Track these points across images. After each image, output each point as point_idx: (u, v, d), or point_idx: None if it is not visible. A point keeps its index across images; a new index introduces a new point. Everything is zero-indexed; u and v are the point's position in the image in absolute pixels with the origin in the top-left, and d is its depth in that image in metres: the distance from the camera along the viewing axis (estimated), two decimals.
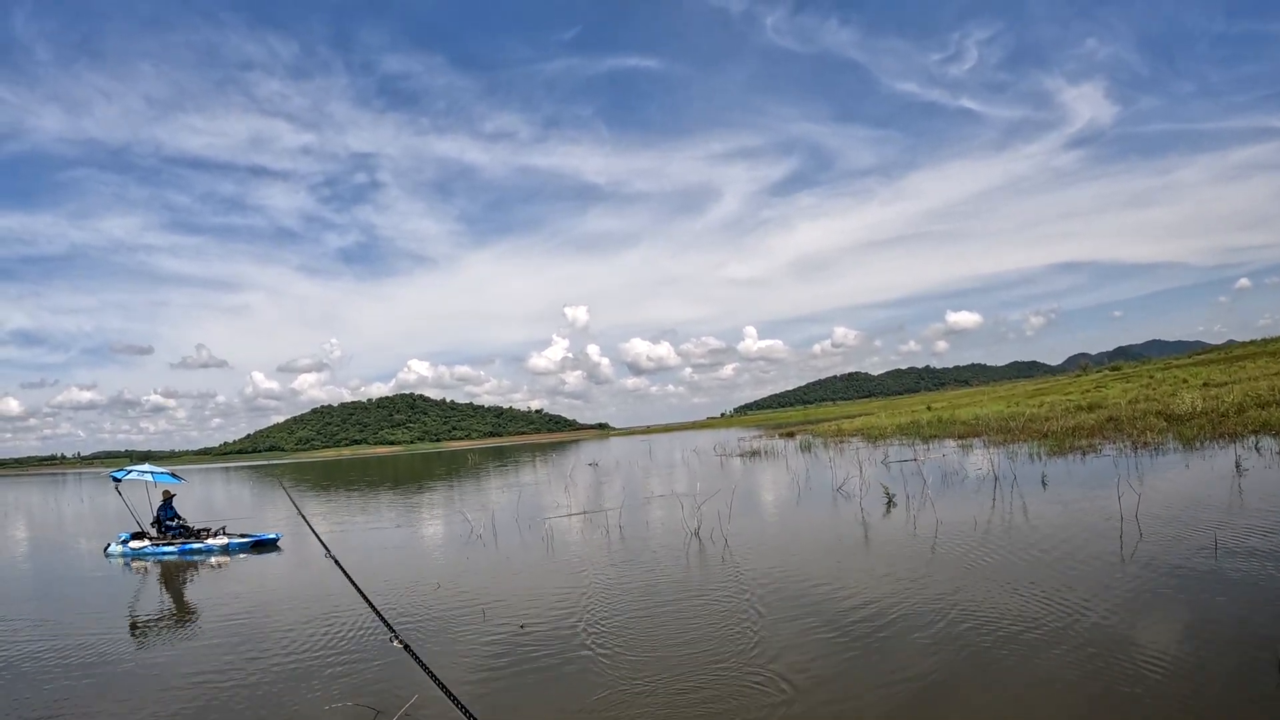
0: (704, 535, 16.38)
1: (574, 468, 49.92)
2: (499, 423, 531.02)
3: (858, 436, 47.94)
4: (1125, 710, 6.48)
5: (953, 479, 21.85)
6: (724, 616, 10.32)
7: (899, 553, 13.25)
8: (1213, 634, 7.85)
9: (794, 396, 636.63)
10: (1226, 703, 6.42)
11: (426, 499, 35.73)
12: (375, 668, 9.40)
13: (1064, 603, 9.34)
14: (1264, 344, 72.92)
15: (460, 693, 8.46)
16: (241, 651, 10.67)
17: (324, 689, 8.79)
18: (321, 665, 9.68)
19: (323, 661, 9.83)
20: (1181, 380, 44.11)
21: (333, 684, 8.94)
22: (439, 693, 8.43)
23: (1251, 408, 25.54)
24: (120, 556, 21.85)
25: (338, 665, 9.63)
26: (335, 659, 9.90)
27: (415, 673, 9.14)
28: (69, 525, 36.85)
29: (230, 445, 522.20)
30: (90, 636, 12.25)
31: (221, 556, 20.85)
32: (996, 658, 7.89)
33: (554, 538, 18.48)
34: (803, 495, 22.57)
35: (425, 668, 4.72)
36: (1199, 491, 15.27)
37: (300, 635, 11.17)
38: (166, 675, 9.94)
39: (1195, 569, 10.17)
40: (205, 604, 14.88)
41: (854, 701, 7.24)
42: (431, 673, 4.63)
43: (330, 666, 9.61)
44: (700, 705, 7.45)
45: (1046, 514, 15.06)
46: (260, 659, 10.22)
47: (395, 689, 8.53)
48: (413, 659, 4.90)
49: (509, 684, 8.57)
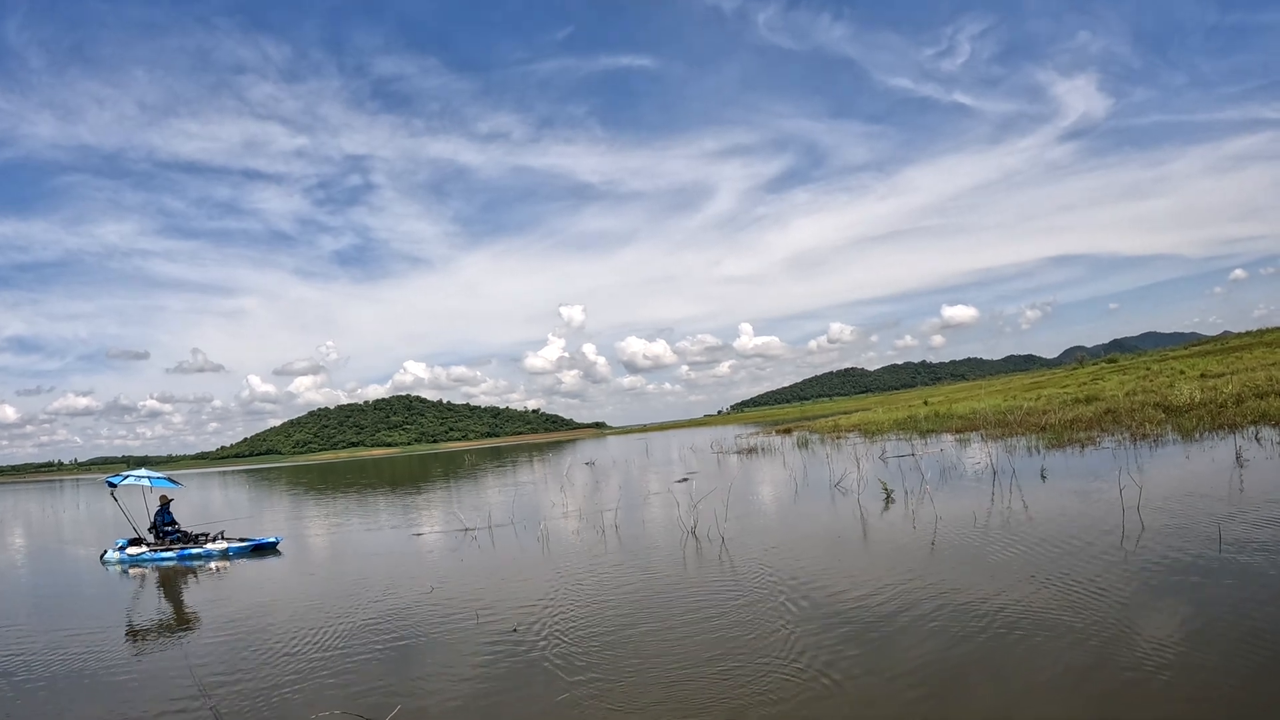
0: (700, 534, 16.22)
1: (570, 467, 49.78)
2: (496, 423, 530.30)
3: (855, 432, 47.83)
4: (1132, 704, 6.39)
5: (951, 473, 21.71)
6: (721, 617, 10.17)
7: (899, 549, 13.11)
8: (1220, 628, 7.71)
9: (790, 393, 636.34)
10: (1236, 698, 6.30)
11: (423, 500, 35.55)
12: (366, 677, 9.27)
13: (1068, 596, 9.20)
14: (1259, 334, 72.94)
15: (450, 699, 8.36)
16: (236, 660, 10.54)
17: (314, 697, 8.66)
18: (313, 673, 9.54)
19: (315, 669, 9.69)
20: (1178, 372, 44.05)
21: (322, 692, 8.81)
22: (423, 702, 8.32)
23: (1250, 398, 25.43)
24: (118, 563, 21.68)
25: (328, 673, 9.50)
26: (327, 667, 9.76)
27: (405, 681, 9.03)
28: (65, 532, 36.69)
29: (227, 449, 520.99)
30: (86, 645, 12.12)
31: (221, 561, 20.70)
32: (1001, 653, 7.76)
33: (550, 538, 18.31)
34: (800, 492, 22.42)
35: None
36: (1200, 483, 15.12)
37: (295, 642, 11.03)
38: (160, 684, 9.82)
39: (1199, 562, 10.02)
40: (203, 610, 14.73)
41: (858, 697, 7.16)
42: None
43: (320, 674, 9.47)
44: (698, 709, 7.30)
45: (1047, 507, 14.92)
46: (253, 667, 10.07)
47: (385, 699, 8.40)
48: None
49: (499, 690, 8.42)
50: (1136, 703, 6.42)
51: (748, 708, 7.21)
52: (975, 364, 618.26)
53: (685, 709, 7.33)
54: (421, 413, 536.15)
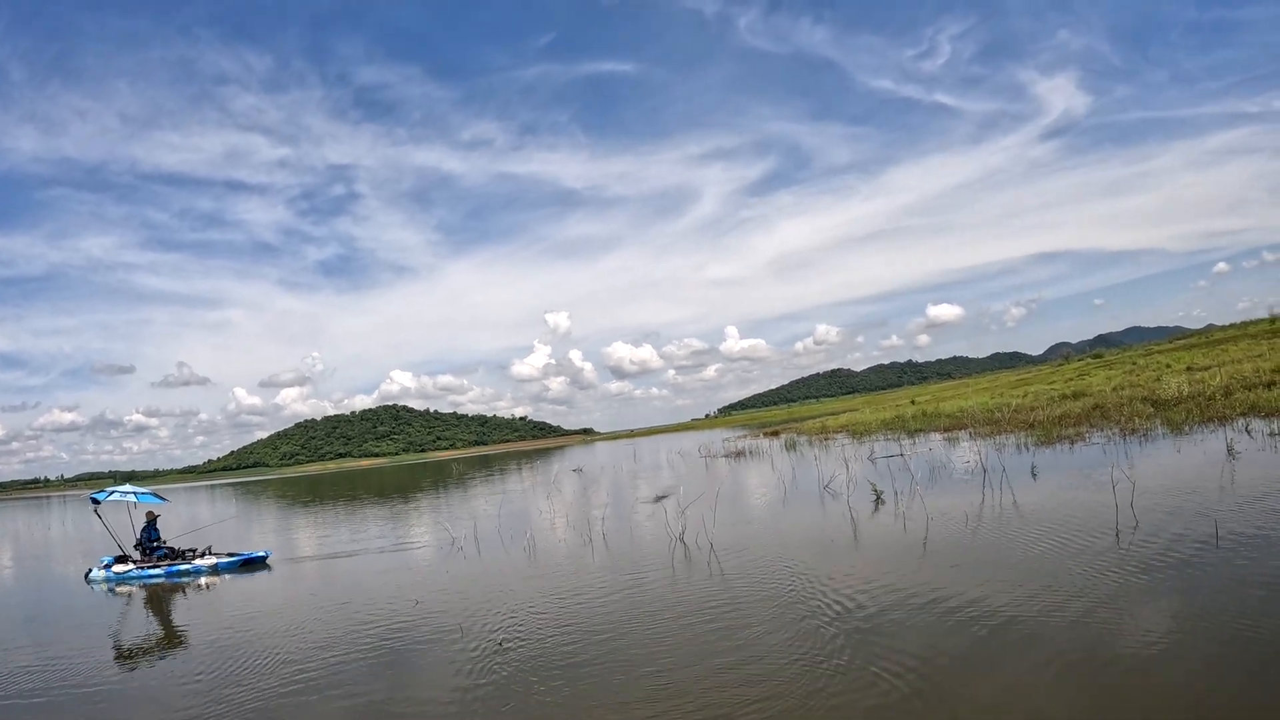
0: (689, 541, 15.99)
1: (558, 475, 49.53)
2: (483, 431, 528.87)
3: (843, 433, 47.73)
4: (1131, 702, 6.33)
5: (940, 473, 21.57)
6: (710, 624, 10.01)
7: (890, 551, 12.95)
8: (1219, 625, 7.59)
9: (778, 395, 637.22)
10: (1236, 699, 6.21)
11: (410, 511, 35.28)
12: (351, 693, 9.11)
13: (1065, 595, 9.07)
14: (1244, 326, 73.05)
15: (434, 717, 8.12)
16: (224, 677, 10.37)
17: (298, 716, 8.53)
18: (299, 691, 9.38)
19: (301, 688, 9.52)
20: (1164, 365, 44.09)
21: (308, 710, 8.68)
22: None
23: (1238, 390, 25.39)
24: (104, 582, 21.27)
25: (313, 692, 9.32)
26: (313, 684, 9.58)
27: (390, 699, 8.79)
28: (50, 551, 36.19)
29: (215, 463, 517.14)
30: (68, 667, 11.85)
31: (210, 577, 20.37)
32: (997, 654, 7.66)
33: (536, 548, 18.06)
34: (789, 495, 22.22)
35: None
36: (1193, 477, 15.01)
37: (284, 660, 10.83)
38: (148, 705, 9.72)
39: (1196, 558, 9.90)
40: (192, 629, 14.47)
41: (852, 697, 7.13)
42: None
43: (306, 693, 9.30)
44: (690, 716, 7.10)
45: (1039, 505, 14.79)
46: (240, 685, 9.91)
47: (370, 716, 8.21)
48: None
49: (484, 704, 8.24)
50: (1135, 701, 6.36)
51: (738, 715, 7.08)
52: (961, 362, 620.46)
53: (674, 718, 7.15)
54: (409, 422, 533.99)
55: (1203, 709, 6.17)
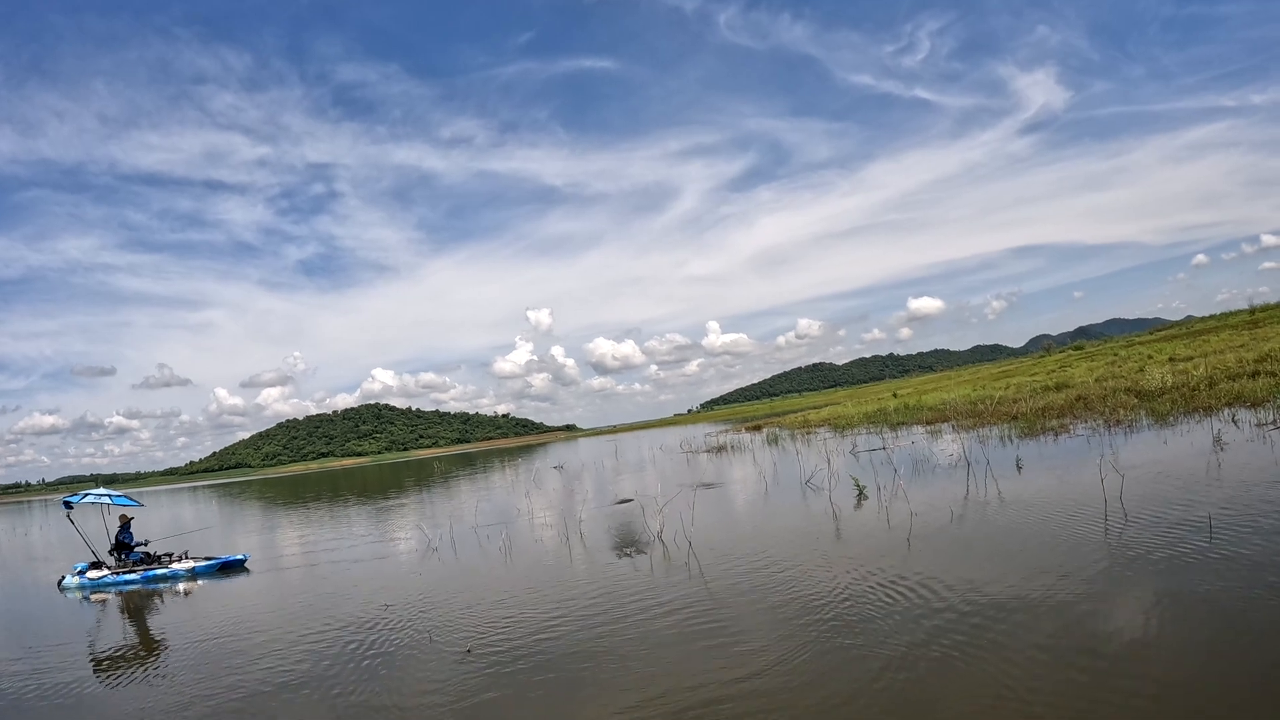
0: (667, 539, 15.62)
1: (539, 472, 49.15)
2: (466, 429, 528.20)
3: (825, 427, 47.57)
4: (1128, 699, 6.15)
5: (924, 466, 21.28)
6: (686, 625, 9.70)
7: (874, 546, 12.61)
8: (1220, 624, 7.32)
9: (760, 390, 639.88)
10: (1226, 682, 6.09)
11: (389, 511, 34.83)
12: (334, 699, 8.83)
13: (1052, 587, 8.79)
14: (1223, 317, 73.45)
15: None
16: (203, 686, 10.06)
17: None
18: (281, 695, 9.19)
19: (283, 692, 9.31)
20: (1146, 356, 44.08)
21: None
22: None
23: (1222, 380, 25.22)
24: (78, 589, 20.64)
25: (297, 696, 9.07)
26: (295, 690, 9.31)
27: (355, 713, 8.35)
28: (26, 558, 35.37)
29: (196, 464, 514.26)
30: (41, 684, 11.23)
31: (188, 582, 19.86)
32: (982, 647, 7.45)
33: (513, 548, 17.65)
34: (770, 491, 21.92)
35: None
36: (1180, 468, 14.74)
37: (264, 665, 10.60)
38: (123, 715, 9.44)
39: (1187, 551, 9.60)
40: (171, 636, 13.98)
41: (838, 691, 7.05)
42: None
43: (288, 695, 9.11)
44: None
45: (1025, 498, 14.52)
46: (220, 691, 9.68)
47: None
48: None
49: (448, 714, 7.92)
50: (1124, 688, 6.28)
51: (718, 710, 6.94)
52: (943, 355, 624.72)
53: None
54: (391, 421, 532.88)
55: (1192, 694, 6.09)
